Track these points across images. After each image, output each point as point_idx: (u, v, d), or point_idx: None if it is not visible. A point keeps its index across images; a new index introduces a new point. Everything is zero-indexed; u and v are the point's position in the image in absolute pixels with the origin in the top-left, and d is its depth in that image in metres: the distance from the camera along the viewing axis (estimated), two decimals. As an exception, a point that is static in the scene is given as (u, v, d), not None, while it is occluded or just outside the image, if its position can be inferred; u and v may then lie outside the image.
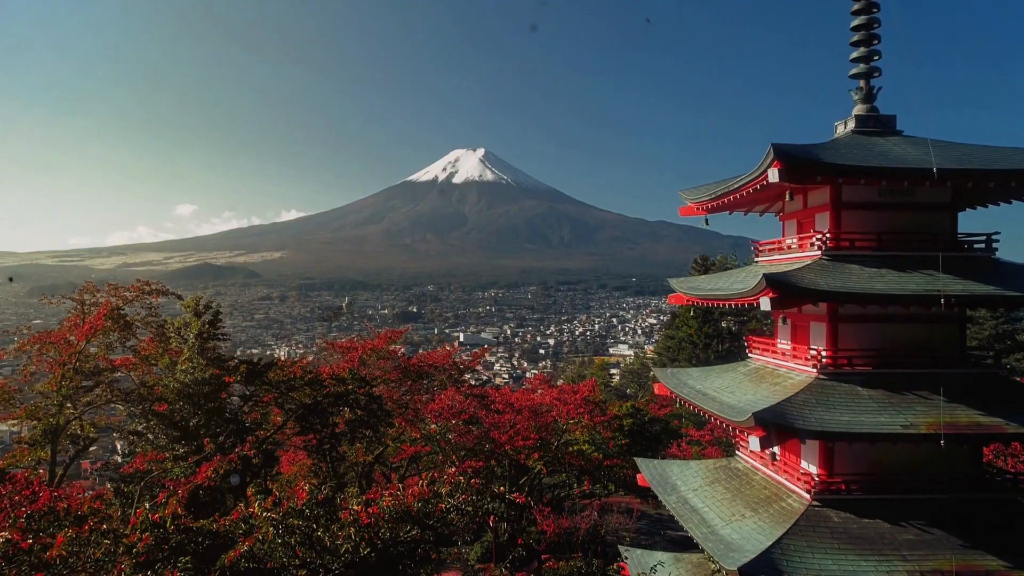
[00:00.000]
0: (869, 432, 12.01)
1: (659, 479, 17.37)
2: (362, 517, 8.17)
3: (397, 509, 8.39)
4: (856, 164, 12.95)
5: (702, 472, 16.89)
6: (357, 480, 31.26)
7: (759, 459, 15.78)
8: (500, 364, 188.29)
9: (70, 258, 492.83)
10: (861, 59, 15.22)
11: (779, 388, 13.92)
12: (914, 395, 13.02)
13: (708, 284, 16.42)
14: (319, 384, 27.42)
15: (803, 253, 14.64)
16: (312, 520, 8.06)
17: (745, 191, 13.96)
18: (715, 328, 64.70)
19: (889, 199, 14.26)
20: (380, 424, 28.85)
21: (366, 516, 8.18)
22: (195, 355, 25.34)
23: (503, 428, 28.61)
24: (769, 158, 12.43)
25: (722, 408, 13.68)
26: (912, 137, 14.93)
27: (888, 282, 12.89)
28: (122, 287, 24.71)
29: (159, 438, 24.67)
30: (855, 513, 13.04)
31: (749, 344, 17.19)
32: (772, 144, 12.25)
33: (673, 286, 17.63)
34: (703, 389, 15.66)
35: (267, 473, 29.97)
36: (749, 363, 16.77)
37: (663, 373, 17.98)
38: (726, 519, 13.96)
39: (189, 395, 24.67)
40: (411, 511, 8.37)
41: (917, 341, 14.04)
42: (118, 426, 27.19)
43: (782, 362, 15.31)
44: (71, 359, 23.53)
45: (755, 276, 14.12)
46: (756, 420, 11.62)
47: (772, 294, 12.32)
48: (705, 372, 17.17)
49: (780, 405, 12.34)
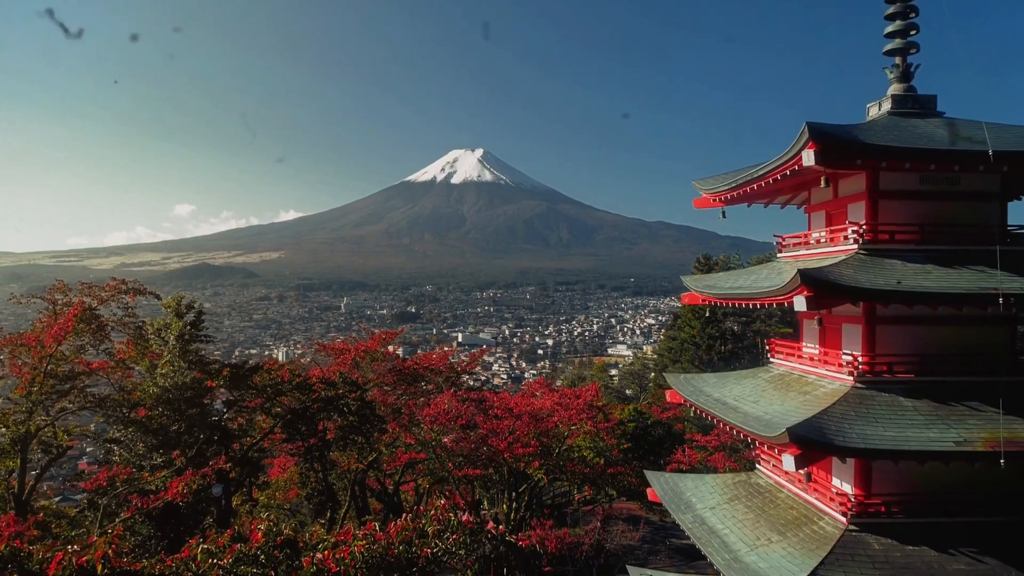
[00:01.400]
0: (918, 450, 10.57)
1: (672, 495, 15.92)
2: (329, 565, 6.70)
3: (373, 554, 6.92)
4: (904, 146, 11.49)
5: (719, 488, 15.43)
6: (349, 487, 29.86)
7: (783, 475, 14.33)
8: (499, 364, 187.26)
9: (68, 258, 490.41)
10: (897, 33, 13.79)
11: (810, 398, 12.46)
12: (964, 406, 11.57)
13: (727, 282, 14.96)
14: (308, 388, 26.00)
15: (835, 247, 13.19)
16: (269, 567, 6.61)
17: (772, 178, 12.51)
18: (718, 329, 63.29)
19: (931, 187, 12.82)
20: (373, 430, 27.45)
21: (334, 563, 6.71)
22: (176, 358, 23.90)
23: (502, 435, 27.18)
24: (803, 139, 10.97)
25: (746, 421, 12.22)
26: (955, 119, 13.49)
27: (936, 279, 11.45)
28: (96, 286, 23.16)
29: (136, 446, 23.25)
30: (897, 539, 11.59)
31: (771, 348, 15.73)
32: (807, 123, 10.80)
33: (687, 284, 16.17)
34: (722, 398, 14.20)
35: (252, 482, 28.56)
36: (771, 368, 15.32)
37: (676, 379, 16.52)
38: (750, 544, 12.51)
39: (169, 400, 23.24)
40: (390, 556, 6.91)
41: (963, 345, 12.60)
42: (94, 434, 25.69)
43: (810, 368, 13.85)
44: (42, 363, 22.05)
45: (781, 273, 12.69)
46: (791, 437, 10.16)
47: (808, 292, 10.86)
48: (722, 378, 15.71)
49: (817, 419, 10.88)
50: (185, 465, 20.67)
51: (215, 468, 17.88)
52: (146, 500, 17.49)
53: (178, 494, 17.23)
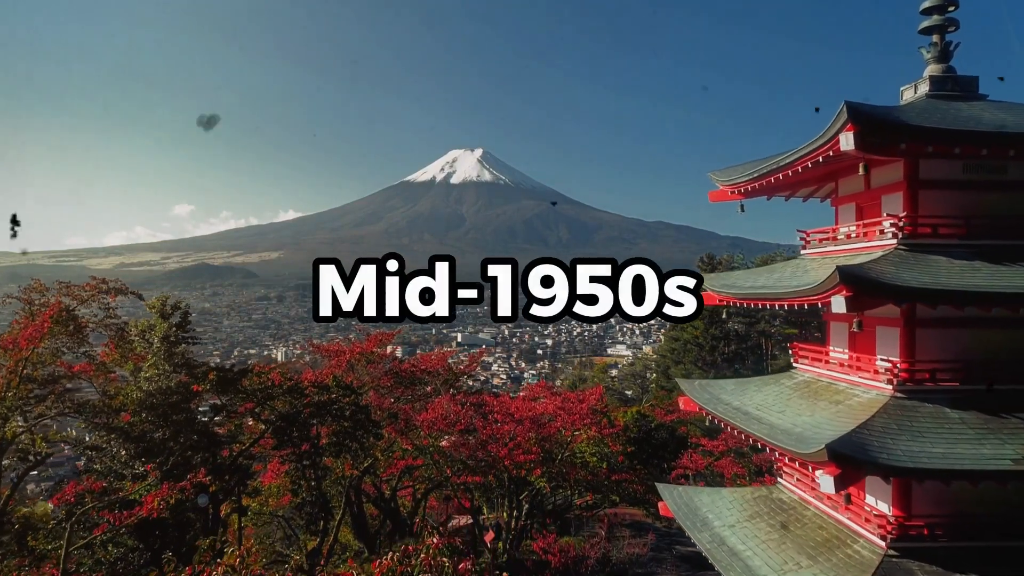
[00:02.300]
0: (973, 469, 9.40)
1: (686, 510, 14.74)
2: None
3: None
4: (955, 128, 10.32)
5: (738, 504, 14.26)
6: (344, 494, 28.67)
7: (810, 490, 13.16)
8: (498, 365, 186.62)
9: (67, 258, 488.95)
10: (934, 9, 12.63)
11: (843, 408, 11.29)
12: (1017, 418, 10.41)
13: (747, 281, 13.80)
14: (299, 392, 24.81)
15: (869, 243, 12.02)
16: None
17: (801, 166, 11.34)
18: (721, 330, 62.17)
19: (976, 176, 11.65)
20: (368, 435, 26.28)
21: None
22: (160, 361, 22.73)
23: (502, 440, 26.02)
24: (841, 120, 9.80)
25: (773, 434, 11.05)
26: (1000, 102, 12.32)
27: (988, 277, 10.29)
28: (75, 285, 22.00)
29: (119, 453, 22.10)
30: (942, 566, 10.43)
31: (794, 352, 14.54)
32: (845, 102, 9.63)
33: (704, 284, 14.98)
34: (743, 407, 13.04)
35: (241, 490, 27.37)
36: (795, 374, 14.14)
37: (690, 385, 15.34)
38: (777, 568, 11.34)
39: (152, 406, 22.06)
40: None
41: (1015, 350, 11.41)
42: (75, 440, 24.57)
43: (840, 375, 12.67)
44: (18, 366, 20.93)
45: (808, 271, 11.54)
46: (831, 454, 8.99)
47: (847, 292, 9.69)
48: (741, 385, 14.53)
49: (857, 434, 9.70)
50: (168, 473, 19.53)
51: (194, 482, 16.64)
52: (119, 516, 16.31)
53: (154, 509, 16.06)
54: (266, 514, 30.41)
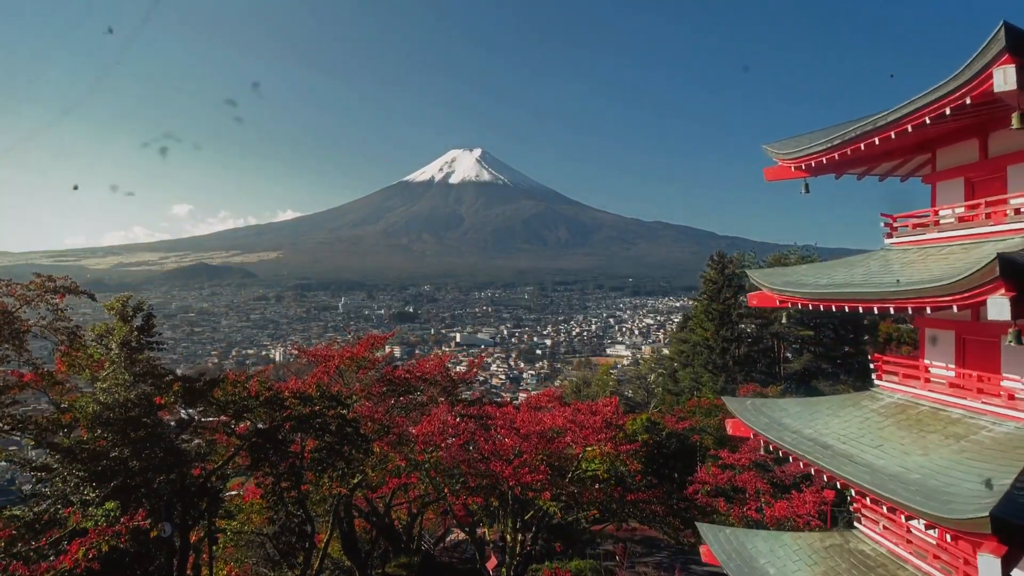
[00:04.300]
0: None
1: (738, 561, 11.89)
2: None
3: None
4: None
5: (806, 555, 11.42)
6: (331, 512, 25.87)
7: (904, 543, 10.33)
8: (497, 365, 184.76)
9: (65, 258, 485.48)
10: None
11: (969, 447, 8.46)
12: None
13: (819, 279, 10.95)
14: (279, 404, 22.00)
15: (995, 227, 9.18)
16: None
17: (913, 123, 8.48)
18: (733, 331, 59.50)
19: None
20: (356, 451, 23.47)
21: None
22: (120, 370, 19.85)
23: (506, 456, 23.24)
24: (995, 49, 6.97)
25: (881, 483, 8.20)
26: None
27: None
28: (19, 284, 19.17)
29: (68, 477, 19.24)
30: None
31: (877, 366, 11.68)
32: (1004, 23, 6.81)
33: (756, 282, 12.16)
34: (820, 437, 10.20)
35: (213, 511, 24.54)
36: (879, 395, 11.30)
37: (741, 406, 12.50)
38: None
39: (109, 421, 19.20)
40: None
41: None
42: (23, 459, 21.69)
43: (951, 399, 9.84)
44: (-49, 376, 18.16)
45: (910, 263, 8.70)
46: (996, 526, 6.15)
47: (1009, 291, 6.85)
48: (809, 407, 11.68)
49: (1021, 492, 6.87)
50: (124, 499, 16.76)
51: (130, 527, 13.78)
52: (51, 563, 13.45)
53: (91, 548, 13.22)
54: (248, 533, 27.55)
